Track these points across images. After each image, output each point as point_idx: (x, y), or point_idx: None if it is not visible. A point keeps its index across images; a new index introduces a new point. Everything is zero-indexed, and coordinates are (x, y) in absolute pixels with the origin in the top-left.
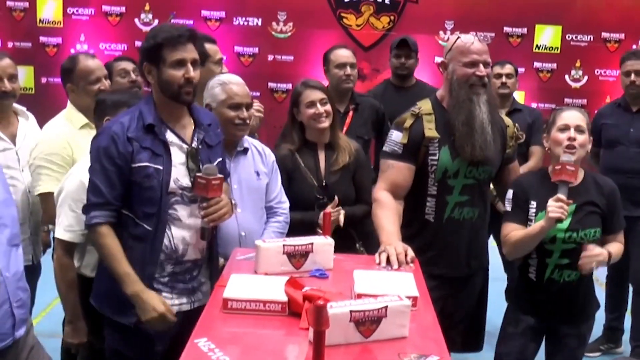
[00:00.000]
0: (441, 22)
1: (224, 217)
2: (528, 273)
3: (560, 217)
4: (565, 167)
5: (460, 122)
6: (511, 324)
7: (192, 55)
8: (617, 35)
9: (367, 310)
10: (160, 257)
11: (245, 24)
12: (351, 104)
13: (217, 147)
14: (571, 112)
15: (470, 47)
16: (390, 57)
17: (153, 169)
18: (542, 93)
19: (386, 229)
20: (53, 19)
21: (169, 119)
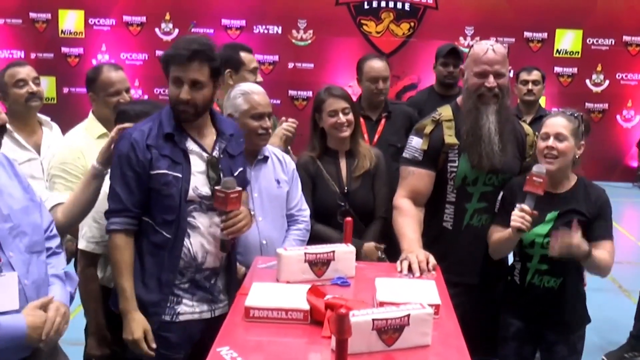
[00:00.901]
0: (461, 28)
1: (243, 229)
2: (513, 276)
3: (520, 227)
4: (533, 179)
5: (466, 132)
6: (503, 328)
7: (191, 75)
8: (639, 38)
9: (390, 318)
10: (180, 265)
11: (266, 32)
12: (383, 112)
13: (239, 156)
14: (554, 119)
15: (482, 57)
16: (435, 64)
17: (172, 177)
18: (563, 98)
19: (407, 236)
20: (75, 30)
21: (190, 127)
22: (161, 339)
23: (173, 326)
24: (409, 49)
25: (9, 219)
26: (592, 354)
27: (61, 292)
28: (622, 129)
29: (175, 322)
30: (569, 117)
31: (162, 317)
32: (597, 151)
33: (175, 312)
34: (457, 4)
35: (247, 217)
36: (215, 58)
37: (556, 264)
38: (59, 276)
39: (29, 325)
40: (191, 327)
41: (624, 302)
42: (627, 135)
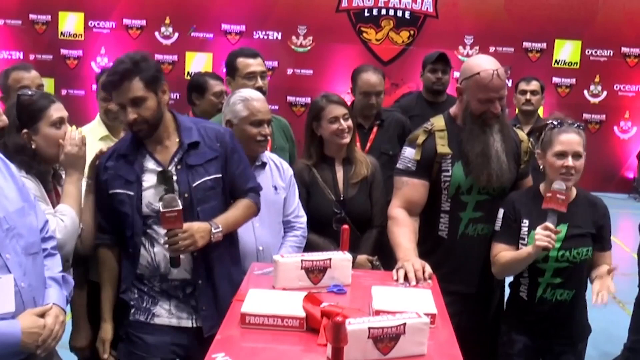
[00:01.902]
0: (461, 37)
1: (186, 249)
2: (519, 292)
3: (548, 246)
4: (556, 196)
5: (475, 154)
6: (506, 345)
7: (127, 95)
8: (637, 50)
9: (386, 327)
10: (146, 273)
11: (265, 38)
12: (376, 120)
13: (207, 164)
14: (569, 136)
15: (488, 85)
16: (423, 71)
17: (125, 195)
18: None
19: (403, 245)
20: (74, 32)
21: (149, 143)
22: (136, 339)
23: (148, 327)
24: (408, 57)
25: (4, 221)
26: None
27: (58, 296)
28: (619, 140)
29: (150, 323)
30: (579, 132)
31: (135, 317)
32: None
33: (151, 312)
34: (457, 13)
35: (191, 237)
36: (143, 69)
37: (570, 277)
38: (56, 279)
39: (24, 331)
40: (171, 333)
41: (619, 314)
42: (624, 147)
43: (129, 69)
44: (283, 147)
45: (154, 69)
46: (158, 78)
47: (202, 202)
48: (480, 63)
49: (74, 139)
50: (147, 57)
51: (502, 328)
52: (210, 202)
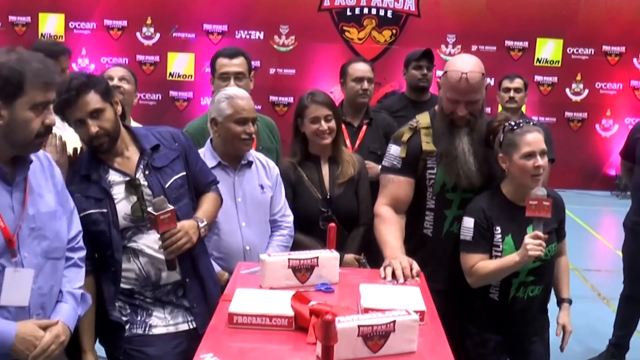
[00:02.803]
0: (443, 35)
1: (184, 247)
2: (489, 294)
3: (540, 255)
4: (542, 203)
5: (441, 153)
6: (479, 346)
7: (87, 109)
8: (618, 48)
9: (375, 324)
10: (136, 287)
11: (248, 37)
12: (365, 119)
13: (172, 164)
14: (533, 135)
15: (454, 85)
16: (406, 70)
17: (98, 214)
18: (543, 107)
19: (390, 243)
20: (55, 33)
21: (109, 157)
22: (136, 353)
23: (147, 339)
24: (390, 56)
25: (32, 220)
26: None
27: (69, 314)
28: (601, 138)
29: (149, 335)
30: (539, 129)
31: (132, 331)
32: (577, 160)
33: (147, 324)
34: (439, 12)
35: (187, 234)
36: (96, 82)
37: (542, 273)
38: (74, 295)
39: (19, 335)
40: (171, 340)
41: (603, 310)
42: (606, 144)
43: (84, 82)
44: (269, 147)
45: (104, 82)
46: (110, 90)
47: (177, 201)
48: (456, 62)
49: (54, 146)
50: (92, 74)
51: (472, 329)
52: (183, 200)
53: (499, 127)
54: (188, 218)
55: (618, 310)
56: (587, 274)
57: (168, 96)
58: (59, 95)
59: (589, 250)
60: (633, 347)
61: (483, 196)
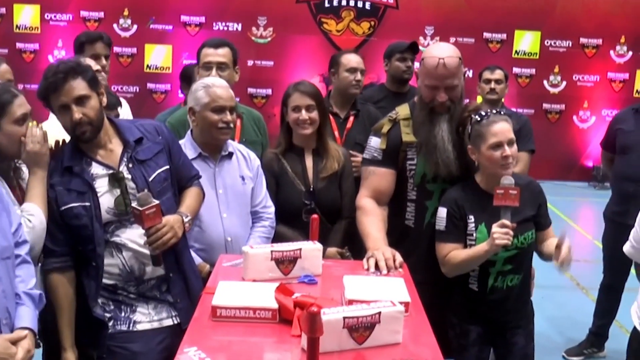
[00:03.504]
0: (421, 27)
1: (169, 242)
2: (469, 284)
3: (507, 243)
4: (509, 192)
5: (421, 142)
6: (461, 336)
7: (73, 95)
8: (595, 41)
9: (361, 316)
10: (119, 282)
11: (225, 29)
12: (352, 110)
13: (155, 158)
14: (500, 125)
15: (431, 72)
16: (389, 61)
17: (81, 208)
18: (521, 99)
19: (372, 235)
20: (30, 25)
21: (92, 150)
22: (120, 350)
23: (132, 336)
24: (369, 48)
25: None
26: (553, 351)
27: (31, 318)
28: (579, 130)
29: (133, 331)
30: (507, 119)
31: (116, 328)
32: (554, 151)
33: (132, 321)
34: (417, 4)
35: (172, 229)
36: (84, 70)
37: (519, 262)
38: (32, 296)
39: None
40: (155, 336)
41: (583, 300)
42: (584, 136)
43: (72, 67)
44: (254, 140)
45: (91, 71)
46: (97, 80)
47: (160, 195)
48: (432, 49)
49: (35, 136)
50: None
51: (453, 320)
52: (167, 194)
53: (467, 119)
54: (171, 212)
55: (598, 299)
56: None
57: (145, 88)
58: (45, 79)
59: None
60: (612, 336)
61: (457, 186)
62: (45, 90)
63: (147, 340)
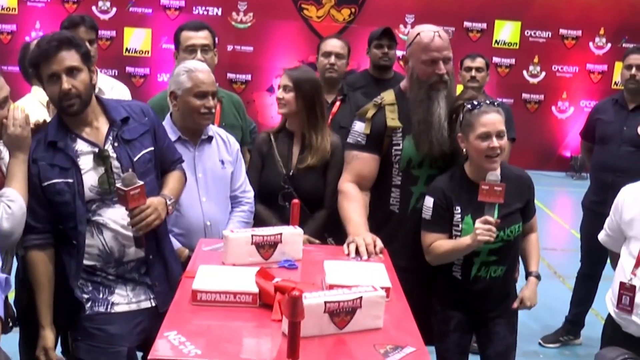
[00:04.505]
0: (402, 15)
1: (153, 223)
2: (452, 272)
3: (489, 240)
4: (493, 189)
5: (417, 120)
6: (442, 322)
7: (64, 64)
8: (575, 32)
9: (342, 301)
10: (98, 263)
11: (205, 14)
12: (339, 95)
13: (141, 138)
14: (491, 116)
15: (429, 45)
16: (369, 48)
17: (63, 184)
18: (501, 88)
19: (353, 220)
20: (7, 5)
21: (78, 126)
22: (97, 332)
23: (110, 317)
24: (349, 34)
25: None
26: (529, 339)
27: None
28: (557, 120)
29: (111, 312)
30: (499, 110)
31: (94, 309)
32: (533, 141)
33: (110, 302)
34: None
35: (156, 211)
36: (80, 44)
37: (504, 254)
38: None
39: None
40: (133, 318)
41: (559, 288)
42: (562, 126)
43: (67, 38)
44: (234, 124)
45: (85, 47)
46: (90, 56)
47: (144, 176)
48: (422, 27)
49: (17, 119)
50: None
51: (436, 306)
52: (150, 176)
53: (460, 107)
54: (154, 195)
55: (574, 288)
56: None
57: (124, 72)
58: (38, 46)
59: (545, 230)
60: (588, 323)
61: (445, 176)
62: (38, 57)
63: (125, 323)
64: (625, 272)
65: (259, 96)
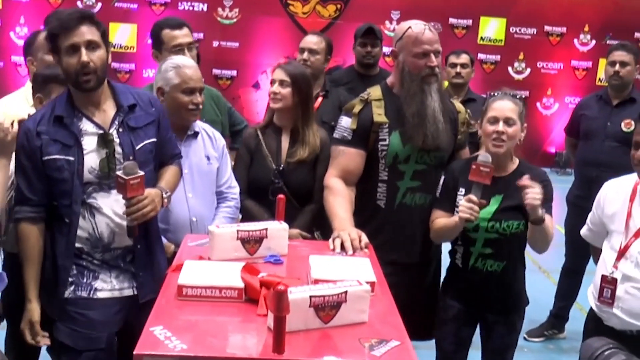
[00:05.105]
0: (387, 11)
1: (149, 215)
2: (455, 259)
3: (469, 217)
4: (480, 168)
5: (411, 113)
6: (442, 310)
7: (85, 37)
8: (560, 29)
9: (327, 295)
10: (86, 246)
11: (191, 9)
12: (321, 91)
13: (145, 128)
14: (502, 103)
15: (421, 38)
16: (354, 45)
17: (64, 161)
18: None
19: (339, 215)
20: None
21: (86, 106)
22: (78, 316)
23: (91, 303)
24: (335, 30)
25: None
26: None
27: None
28: (542, 116)
29: (94, 298)
30: (515, 100)
31: (76, 293)
32: None
33: (92, 287)
34: None
35: (153, 202)
36: (100, 22)
37: (500, 248)
38: None
39: None
40: (114, 305)
41: (544, 282)
42: (547, 122)
43: (88, 14)
44: (214, 119)
45: (104, 27)
46: (107, 38)
47: (144, 166)
48: (410, 22)
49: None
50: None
51: (440, 293)
52: (149, 166)
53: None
54: (150, 186)
55: (559, 282)
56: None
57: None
58: (58, 19)
59: None
60: (572, 318)
61: (463, 160)
62: (58, 27)
63: (106, 309)
64: (607, 265)
65: (244, 92)
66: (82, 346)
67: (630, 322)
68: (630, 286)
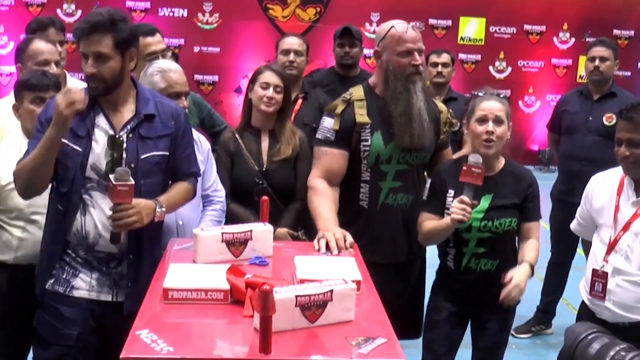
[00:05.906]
0: (367, 13)
1: (132, 225)
2: (447, 261)
3: (462, 219)
4: (472, 170)
5: (399, 113)
6: (434, 311)
7: (92, 48)
8: (539, 27)
9: (313, 294)
10: (72, 241)
11: (171, 15)
12: (301, 93)
13: (157, 139)
14: (490, 103)
15: (404, 36)
16: (333, 46)
17: (72, 149)
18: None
19: (323, 215)
20: None
21: (106, 102)
22: (52, 309)
23: (66, 299)
24: (315, 34)
25: None
26: None
27: None
28: (524, 114)
29: (69, 296)
30: (502, 100)
31: (54, 287)
32: None
33: (70, 285)
34: None
35: (139, 213)
36: (119, 29)
37: (493, 247)
38: None
39: None
40: (89, 306)
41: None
42: (529, 120)
43: (103, 22)
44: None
45: (128, 32)
46: (130, 43)
47: (146, 176)
48: (393, 22)
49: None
50: (127, 18)
51: (431, 295)
52: (152, 178)
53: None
54: (150, 198)
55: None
56: None
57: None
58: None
59: None
60: (559, 313)
61: (449, 161)
62: (75, 33)
63: (80, 308)
64: (597, 259)
65: (226, 97)
66: (52, 339)
67: (622, 315)
68: (621, 279)
